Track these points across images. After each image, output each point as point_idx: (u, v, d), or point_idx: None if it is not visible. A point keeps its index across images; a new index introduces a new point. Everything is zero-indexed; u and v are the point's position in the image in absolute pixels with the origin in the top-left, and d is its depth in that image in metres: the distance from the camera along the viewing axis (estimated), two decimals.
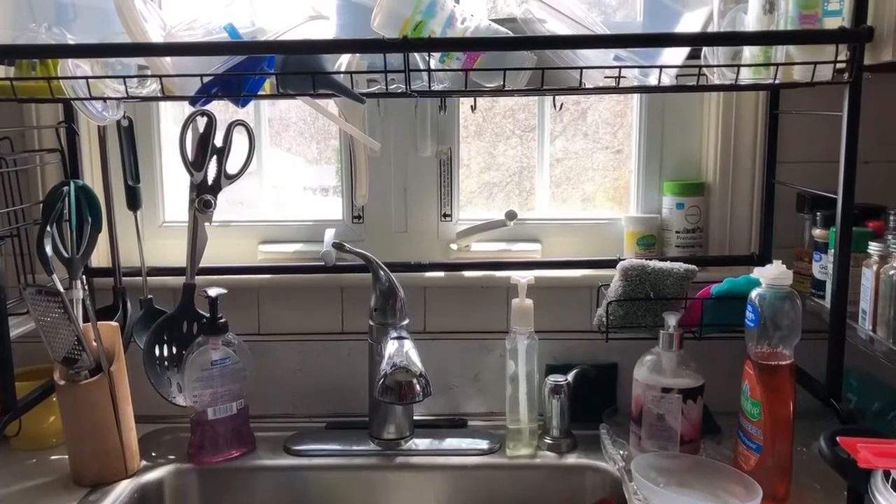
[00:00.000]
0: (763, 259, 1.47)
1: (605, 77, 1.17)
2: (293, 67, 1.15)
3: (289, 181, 1.69)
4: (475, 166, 1.66)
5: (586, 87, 1.16)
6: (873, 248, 1.19)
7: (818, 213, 1.34)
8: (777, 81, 1.15)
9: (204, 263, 1.43)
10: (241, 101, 1.21)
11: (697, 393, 1.30)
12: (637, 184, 1.60)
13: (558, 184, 1.66)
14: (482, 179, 1.67)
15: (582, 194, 1.66)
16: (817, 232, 1.33)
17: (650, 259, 1.42)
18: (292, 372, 1.56)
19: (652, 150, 1.57)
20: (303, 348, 1.56)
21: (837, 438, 0.99)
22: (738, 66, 1.14)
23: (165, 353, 1.43)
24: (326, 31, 1.27)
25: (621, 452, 1.36)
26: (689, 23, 1.24)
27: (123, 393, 1.31)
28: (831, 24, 1.11)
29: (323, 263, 1.46)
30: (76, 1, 1.35)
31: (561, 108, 1.49)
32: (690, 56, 1.21)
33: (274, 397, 1.56)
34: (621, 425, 1.44)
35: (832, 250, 1.23)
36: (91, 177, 1.51)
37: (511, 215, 1.52)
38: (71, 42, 1.22)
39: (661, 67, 1.13)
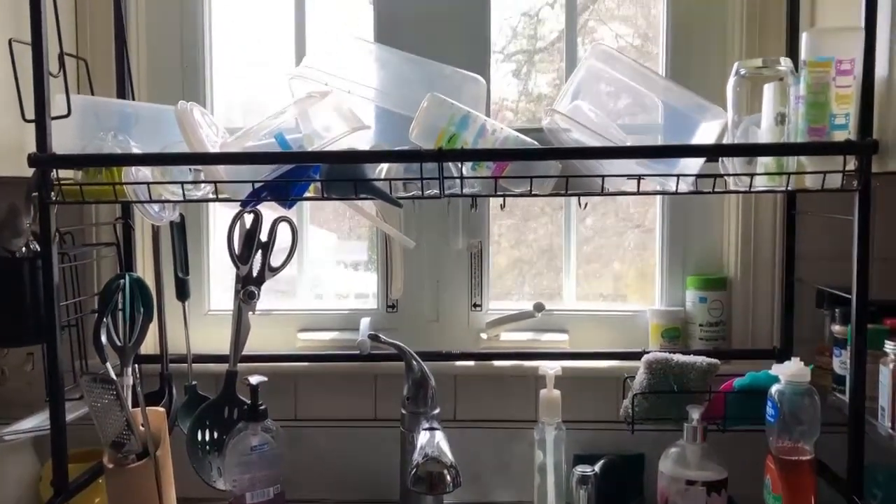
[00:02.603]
0: (784, 353, 1.51)
1: (627, 180, 1.25)
2: (337, 174, 1.24)
3: (324, 258, 1.79)
4: (505, 242, 1.74)
5: (609, 190, 1.24)
6: (889, 346, 1.23)
7: (837, 310, 1.38)
8: (790, 188, 1.22)
9: (246, 351, 1.51)
10: (288, 203, 1.30)
11: (721, 486, 1.33)
12: (661, 277, 1.66)
13: (588, 261, 1.72)
14: (512, 255, 1.74)
15: (613, 272, 1.72)
16: (836, 328, 1.37)
17: (674, 352, 1.47)
18: (326, 458, 1.61)
19: (675, 245, 1.64)
20: (337, 434, 1.61)
21: None
22: (752, 174, 1.21)
23: (207, 438, 1.50)
24: (367, 136, 1.37)
25: None
26: (706, 132, 1.32)
27: (168, 477, 1.37)
28: (839, 136, 1.18)
29: (358, 352, 1.52)
30: (138, 109, 1.48)
31: (586, 206, 1.57)
32: (707, 162, 1.29)
33: (308, 482, 1.60)
34: None
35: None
36: (143, 268, 1.61)
37: (539, 307, 1.59)
38: (134, 147, 1.33)
39: (678, 176, 1.20)
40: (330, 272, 1.80)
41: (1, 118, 1.31)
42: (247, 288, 1.48)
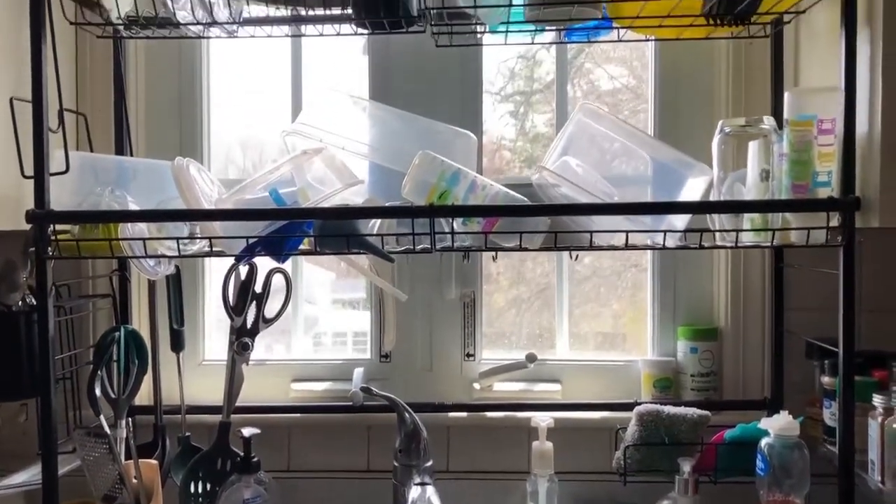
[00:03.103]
0: (775, 404, 1.52)
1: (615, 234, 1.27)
2: (330, 230, 1.26)
3: (321, 296, 1.80)
4: (504, 281, 1.76)
5: (597, 244, 1.26)
6: (878, 400, 1.24)
7: (826, 361, 1.39)
8: (775, 244, 1.24)
9: (239, 401, 1.51)
10: (282, 258, 1.32)
11: None
12: (653, 326, 1.67)
13: (587, 300, 1.74)
14: (510, 295, 1.76)
15: (612, 312, 1.74)
16: (826, 380, 1.38)
17: (666, 403, 1.48)
18: None
19: (666, 295, 1.65)
20: (330, 486, 1.61)
21: None
22: (738, 231, 1.24)
23: (200, 490, 1.49)
24: (361, 189, 1.40)
25: None
26: (693, 187, 1.34)
27: None
28: (822, 193, 1.20)
29: (351, 403, 1.53)
30: (136, 164, 1.50)
31: (577, 258, 1.59)
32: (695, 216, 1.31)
33: None
34: None
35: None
36: (139, 320, 1.62)
37: (531, 358, 1.60)
38: (131, 203, 1.35)
39: (665, 232, 1.23)
40: (327, 311, 1.82)
41: (0, 174, 1.33)
42: (241, 340, 1.49)
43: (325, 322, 1.81)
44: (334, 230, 1.26)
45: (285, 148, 1.44)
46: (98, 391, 1.38)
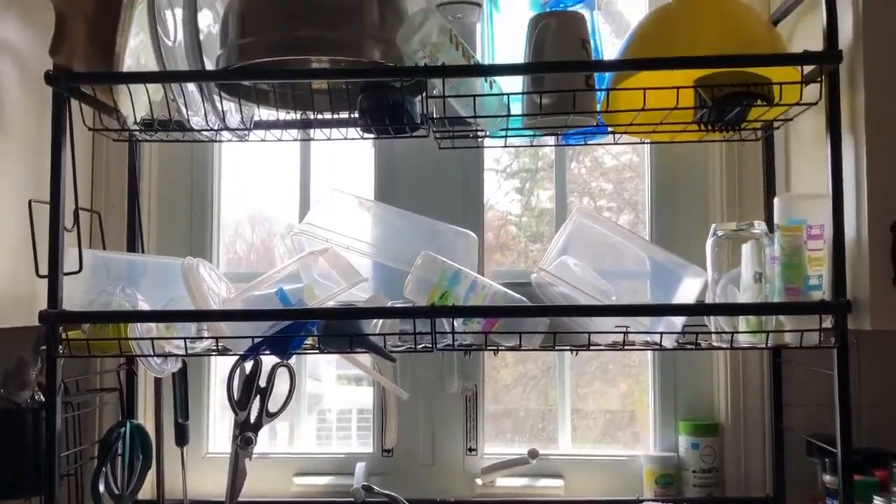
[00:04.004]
0: (777, 501, 1.52)
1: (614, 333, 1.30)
2: (333, 329, 1.29)
3: (326, 373, 1.82)
4: (511, 357, 1.78)
5: (595, 344, 1.29)
6: (878, 502, 1.24)
7: (826, 459, 1.40)
8: (770, 345, 1.26)
9: (242, 496, 1.51)
10: (287, 355, 1.34)
11: None
12: (654, 421, 1.68)
13: (594, 378, 1.76)
14: (517, 371, 1.78)
15: (620, 392, 1.76)
16: (827, 478, 1.39)
17: (668, 500, 1.47)
18: None
19: (666, 391, 1.67)
20: None
21: None
22: (734, 332, 1.26)
23: None
24: (365, 286, 1.43)
25: None
26: (689, 287, 1.38)
27: None
28: (815, 296, 1.23)
29: (353, 500, 1.53)
30: (147, 262, 1.55)
31: (577, 354, 1.61)
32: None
33: None
34: None
35: None
36: (144, 414, 1.64)
37: (533, 454, 1.60)
38: (141, 301, 1.39)
39: (661, 333, 1.25)
40: (331, 388, 1.84)
41: (15, 272, 1.37)
42: (244, 434, 1.50)
43: (329, 400, 1.82)
44: (338, 330, 1.29)
45: (292, 246, 1.48)
46: (102, 487, 1.39)
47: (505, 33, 1.49)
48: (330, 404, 1.82)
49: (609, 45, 1.54)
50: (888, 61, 1.22)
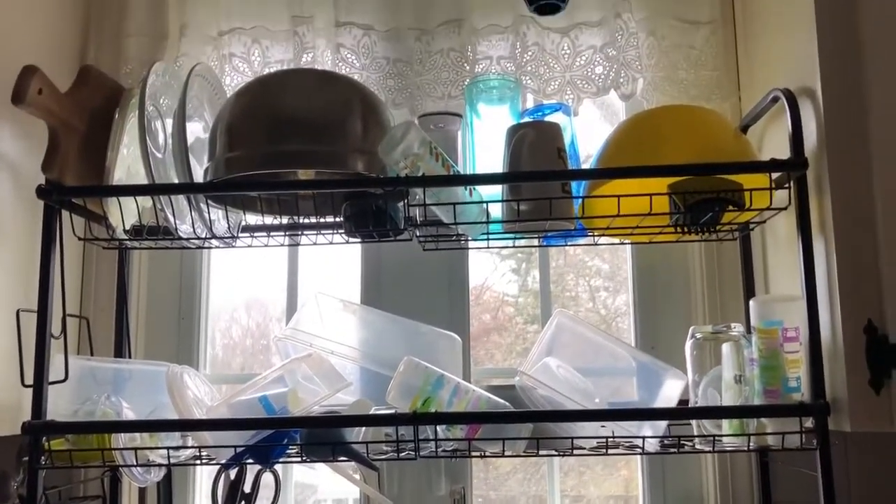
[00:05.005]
0: None
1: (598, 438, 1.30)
2: (316, 438, 1.29)
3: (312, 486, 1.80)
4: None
5: (580, 447, 1.29)
6: None
7: None
8: (753, 447, 1.27)
9: None
10: (269, 464, 1.34)
11: None
12: None
13: (596, 462, 1.76)
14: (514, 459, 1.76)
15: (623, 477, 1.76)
16: None
17: None
18: None
19: (656, 491, 1.65)
20: None
21: None
22: (716, 435, 1.26)
23: None
24: (350, 390, 1.44)
25: None
26: (671, 387, 1.39)
27: None
28: (794, 397, 1.24)
29: None
30: (133, 369, 1.56)
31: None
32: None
33: None
34: None
35: None
36: None
37: None
38: (126, 408, 1.39)
39: (644, 438, 1.25)
40: (326, 475, 1.80)
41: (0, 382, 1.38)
42: None
43: (324, 490, 1.79)
44: (320, 438, 1.29)
45: (278, 353, 1.50)
46: None
47: (485, 139, 1.54)
48: (325, 494, 1.79)
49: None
50: (852, 165, 1.26)
